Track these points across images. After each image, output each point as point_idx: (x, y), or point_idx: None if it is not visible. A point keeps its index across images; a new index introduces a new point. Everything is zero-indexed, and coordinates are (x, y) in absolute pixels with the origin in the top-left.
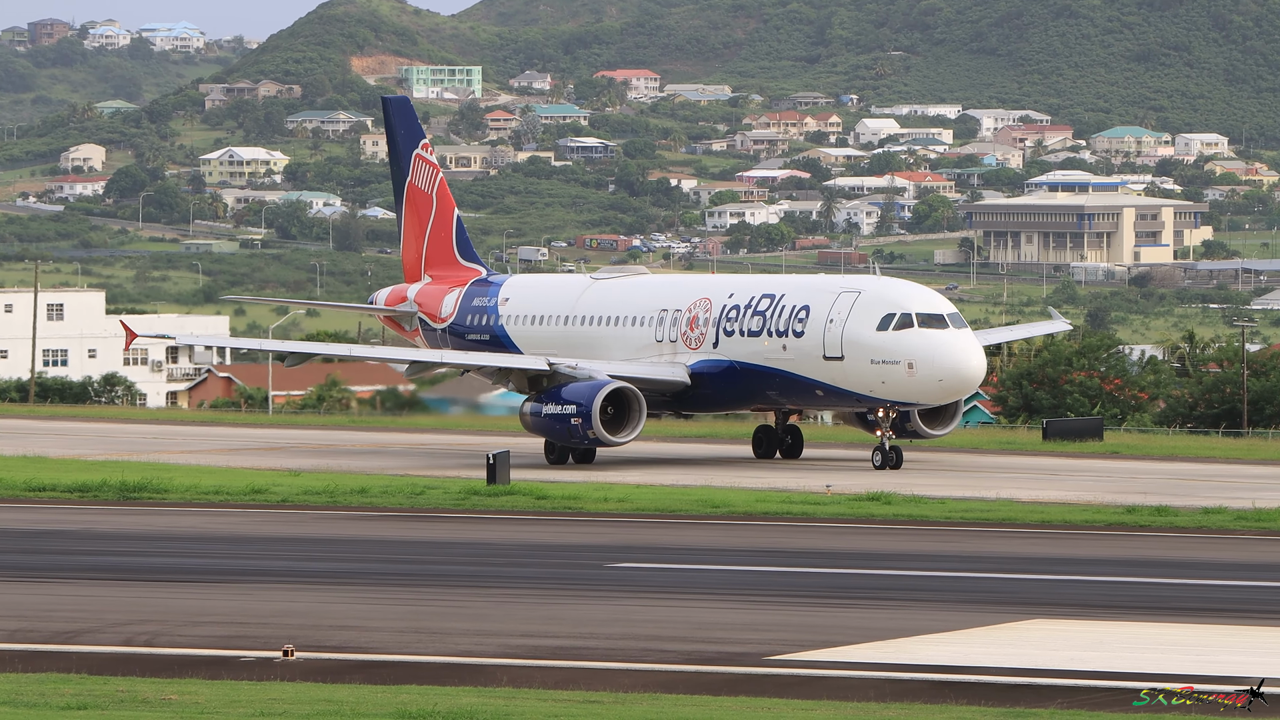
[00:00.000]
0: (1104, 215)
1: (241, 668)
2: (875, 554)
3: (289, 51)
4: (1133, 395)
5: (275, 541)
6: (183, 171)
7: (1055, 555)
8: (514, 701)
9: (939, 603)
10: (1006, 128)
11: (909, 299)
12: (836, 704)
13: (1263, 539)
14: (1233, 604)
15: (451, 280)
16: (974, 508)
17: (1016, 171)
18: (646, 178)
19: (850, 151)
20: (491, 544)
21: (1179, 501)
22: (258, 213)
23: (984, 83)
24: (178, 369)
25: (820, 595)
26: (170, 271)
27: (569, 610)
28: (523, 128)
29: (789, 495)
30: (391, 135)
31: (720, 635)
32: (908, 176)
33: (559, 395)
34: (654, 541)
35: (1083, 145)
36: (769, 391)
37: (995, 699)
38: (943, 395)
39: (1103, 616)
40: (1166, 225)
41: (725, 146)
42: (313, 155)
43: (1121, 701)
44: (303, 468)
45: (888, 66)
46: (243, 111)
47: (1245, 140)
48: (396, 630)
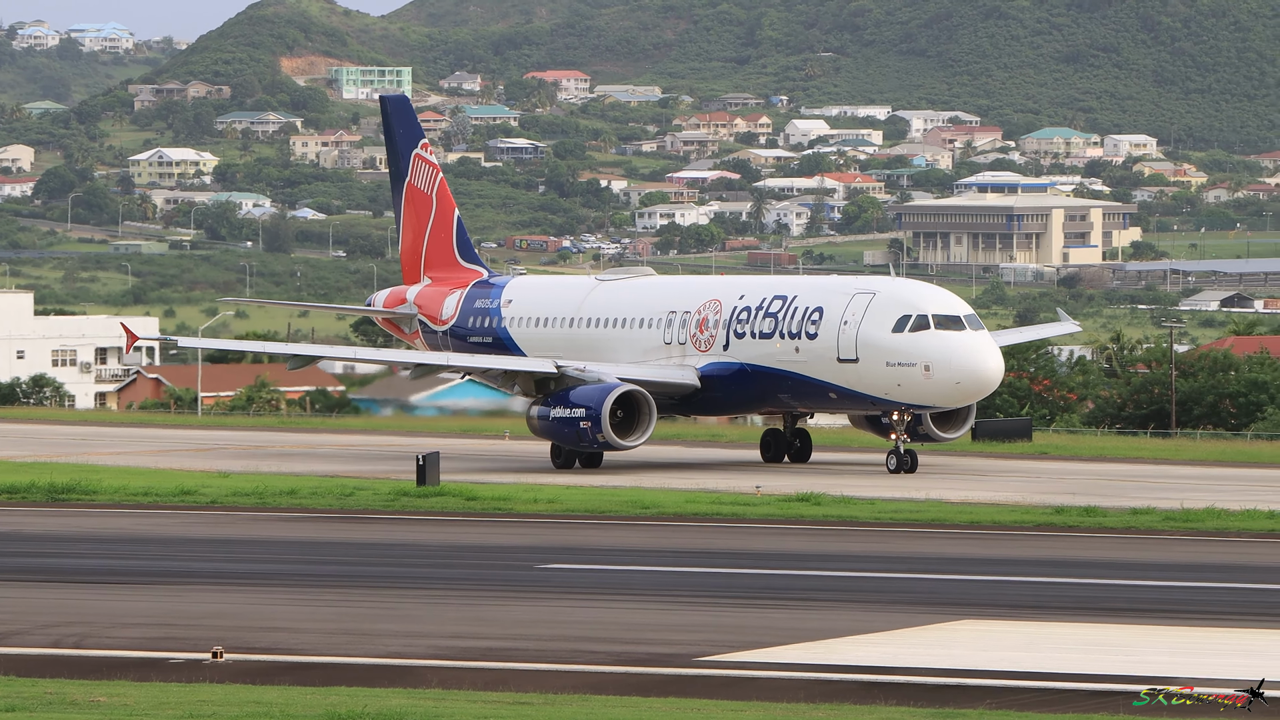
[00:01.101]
0: (1033, 216)
1: (170, 669)
2: (804, 555)
3: (218, 52)
4: (1061, 396)
5: (204, 543)
6: (112, 172)
7: (984, 556)
8: (443, 703)
9: (868, 603)
10: (936, 129)
11: (925, 300)
12: (766, 705)
13: (1190, 540)
14: (1161, 605)
15: (452, 282)
16: (903, 508)
17: (946, 173)
18: (576, 179)
19: (780, 153)
20: (421, 545)
21: (1107, 502)
22: (187, 214)
23: (913, 84)
24: (106, 370)
25: (749, 596)
26: (99, 272)
27: (498, 611)
28: (453, 128)
29: (719, 496)
30: (390, 134)
31: (650, 636)
32: (837, 178)
33: (567, 398)
34: (584, 543)
35: (1012, 146)
36: (781, 394)
37: (924, 700)
38: (960, 398)
39: (1032, 617)
40: (1095, 226)
41: (655, 147)
42: (242, 156)
43: (1050, 702)
44: (232, 469)
45: (817, 68)
46: (172, 112)
47: (1174, 142)
48: (326, 632)
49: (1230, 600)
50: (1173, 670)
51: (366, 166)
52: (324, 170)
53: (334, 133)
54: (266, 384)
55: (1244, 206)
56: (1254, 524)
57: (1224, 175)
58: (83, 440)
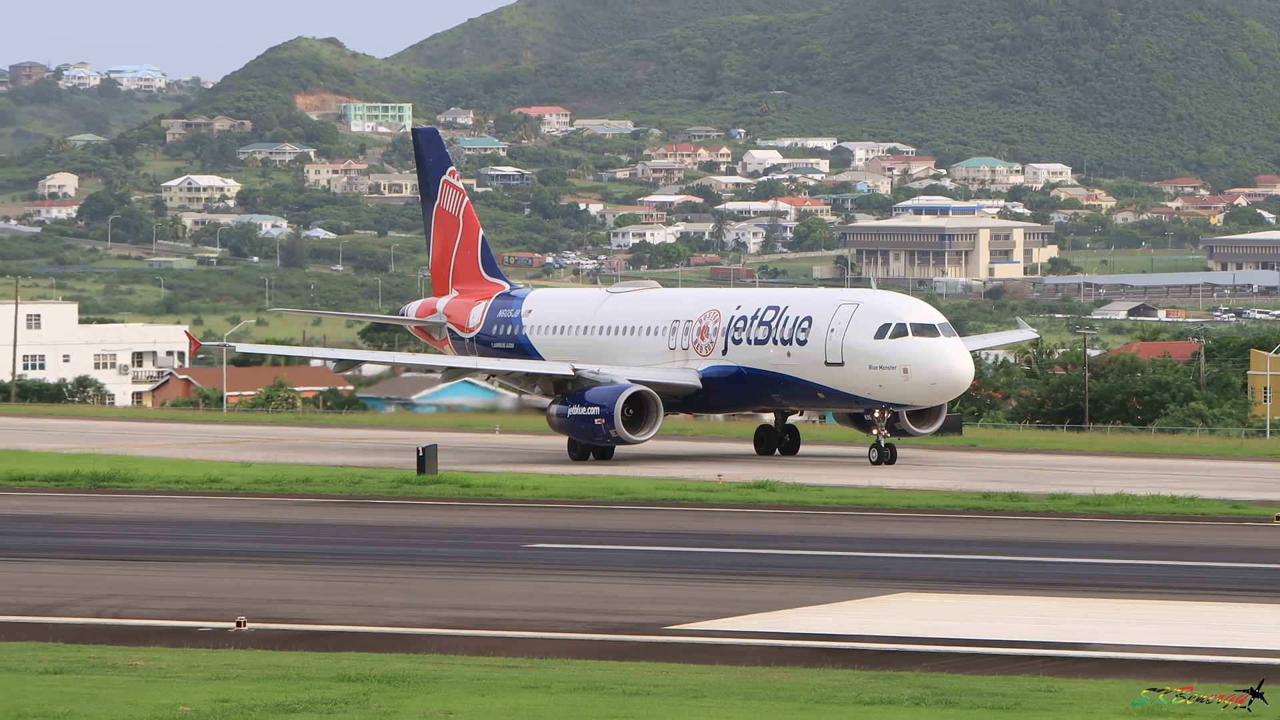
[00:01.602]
0: (962, 235)
1: (199, 637)
2: (761, 535)
3: (241, 90)
4: (988, 395)
5: (229, 525)
6: (146, 197)
7: (921, 536)
8: (442, 666)
9: (818, 578)
10: (876, 158)
11: (903, 310)
12: (727, 668)
13: (1102, 521)
14: (1076, 579)
15: (477, 294)
16: (849, 494)
17: (885, 197)
18: (558, 202)
19: (738, 179)
20: (421, 527)
21: (1029, 489)
22: (213, 233)
23: (856, 118)
24: (142, 372)
25: (713, 572)
26: (135, 285)
27: (490, 585)
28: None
29: (685, 484)
30: (421, 162)
31: (625, 607)
32: (789, 201)
33: (583, 398)
34: (566, 524)
35: (943, 174)
36: (774, 394)
37: (868, 663)
38: (935, 397)
39: (964, 590)
40: (1017, 245)
41: (628, 175)
42: (262, 182)
43: (979, 665)
44: (253, 460)
45: (771, 104)
46: (200, 143)
47: (1087, 169)
48: (337, 604)
49: (1137, 575)
50: (1088, 637)
51: (372, 191)
52: (334, 195)
53: (343, 162)
54: (284, 384)
55: (1148, 227)
56: (1158, 507)
57: (1131, 199)
58: (121, 434)
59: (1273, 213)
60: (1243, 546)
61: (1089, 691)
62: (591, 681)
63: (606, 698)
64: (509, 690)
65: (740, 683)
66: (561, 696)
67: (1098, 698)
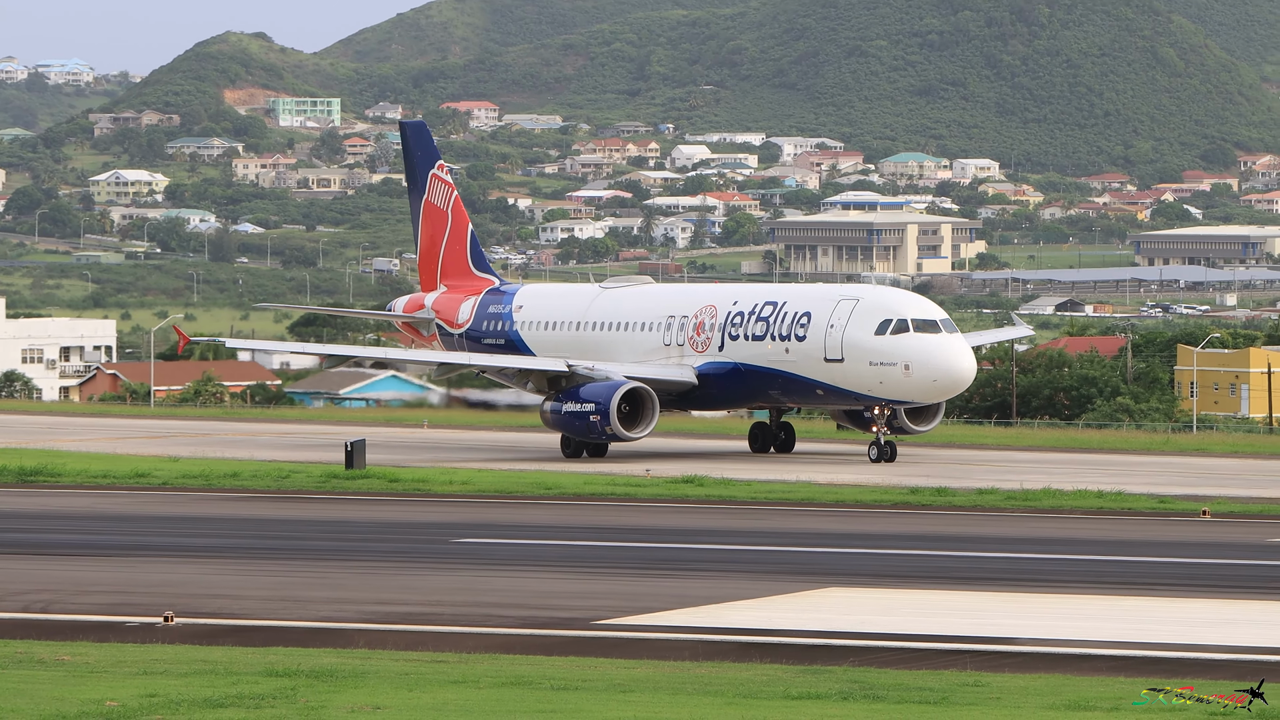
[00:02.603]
0: (890, 231)
1: (127, 632)
2: (689, 530)
3: (169, 85)
4: None
5: (157, 520)
6: (74, 191)
7: (849, 531)
8: (370, 661)
9: (746, 573)
10: (805, 153)
11: (904, 306)
12: (655, 663)
13: (1029, 516)
14: (1004, 574)
15: (467, 289)
16: (777, 489)
17: (813, 192)
18: (487, 197)
19: (667, 174)
20: (349, 522)
21: (956, 484)
22: (141, 228)
23: (785, 114)
24: (69, 367)
25: (641, 567)
26: (63, 280)
27: (419, 580)
28: (377, 152)
29: (613, 478)
30: (409, 156)
31: (553, 602)
32: (718, 196)
33: (578, 394)
34: (494, 519)
35: (872, 169)
36: (771, 391)
37: (796, 658)
38: (936, 394)
39: (891, 585)
40: (945, 240)
41: (557, 170)
42: (190, 177)
43: (906, 660)
44: (181, 454)
45: (700, 99)
46: (128, 138)
47: (1014, 165)
48: (265, 598)
49: (1064, 570)
50: (1015, 632)
51: (300, 186)
52: (262, 189)
53: (271, 156)
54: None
55: (1076, 223)
56: (1084, 502)
57: (1058, 195)
58: (49, 429)
59: (1199, 208)
60: (1169, 541)
61: (1016, 686)
62: (519, 676)
63: (534, 692)
64: (437, 685)
65: (668, 678)
66: (489, 691)
67: (1025, 692)
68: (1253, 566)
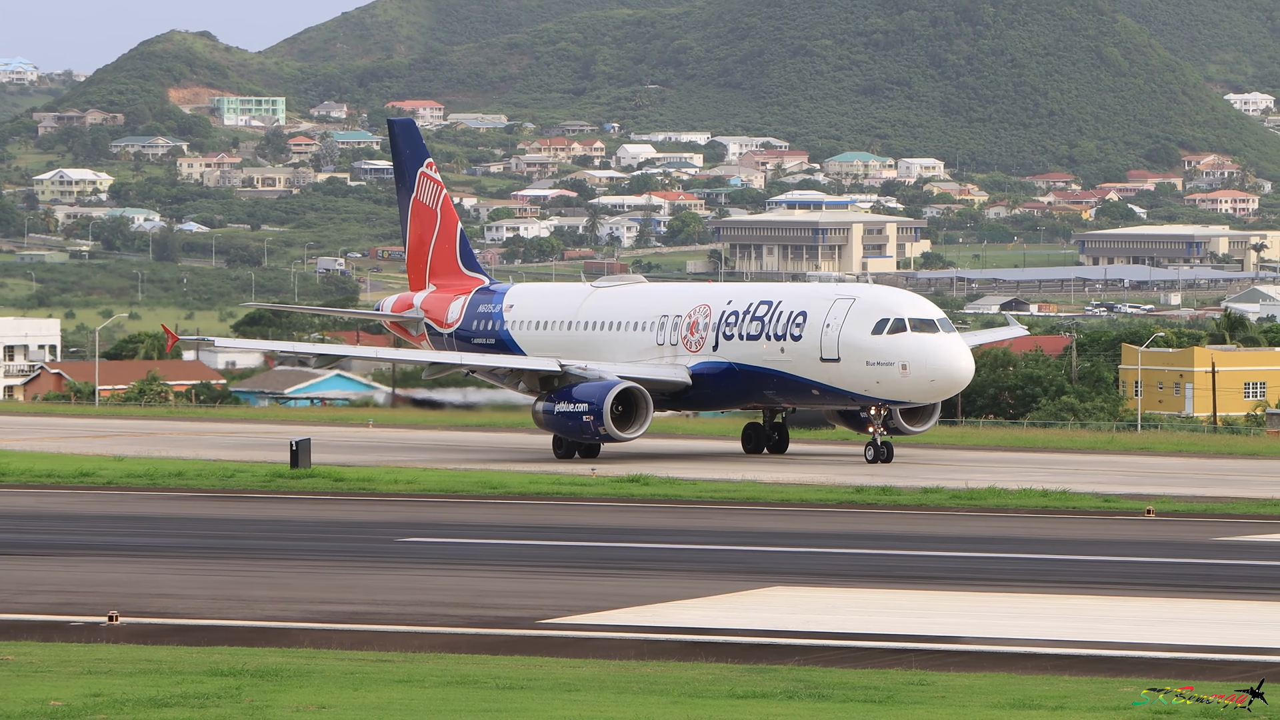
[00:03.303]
0: (836, 230)
1: (71, 631)
2: (634, 529)
3: (113, 84)
4: None
5: (101, 519)
6: (18, 190)
7: (793, 530)
8: (315, 661)
9: (691, 572)
10: (750, 153)
11: (901, 305)
12: (601, 662)
13: (974, 515)
14: (949, 572)
15: (456, 288)
16: (722, 488)
17: (759, 191)
18: None
19: (612, 173)
20: (294, 521)
21: (901, 482)
22: (85, 227)
23: (730, 113)
24: (14, 366)
25: (586, 565)
26: (6, 279)
27: (363, 579)
28: (322, 152)
29: (559, 477)
30: (397, 154)
31: (498, 601)
32: (663, 195)
33: (570, 394)
34: (439, 519)
35: (817, 168)
36: (766, 391)
37: (740, 657)
38: (934, 394)
39: (835, 584)
40: (890, 239)
41: (502, 169)
42: (134, 176)
43: (851, 659)
44: (126, 454)
45: (645, 98)
46: (72, 137)
47: (959, 164)
48: (210, 598)
49: (1009, 568)
50: (960, 631)
51: (245, 185)
52: (207, 189)
53: (216, 155)
54: (157, 378)
55: (1020, 222)
56: (1029, 501)
57: (1003, 194)
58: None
59: (1144, 208)
60: (1114, 540)
61: (961, 685)
62: (464, 675)
63: (479, 692)
64: (382, 684)
65: (613, 677)
66: (434, 691)
67: (970, 691)
68: (1197, 565)
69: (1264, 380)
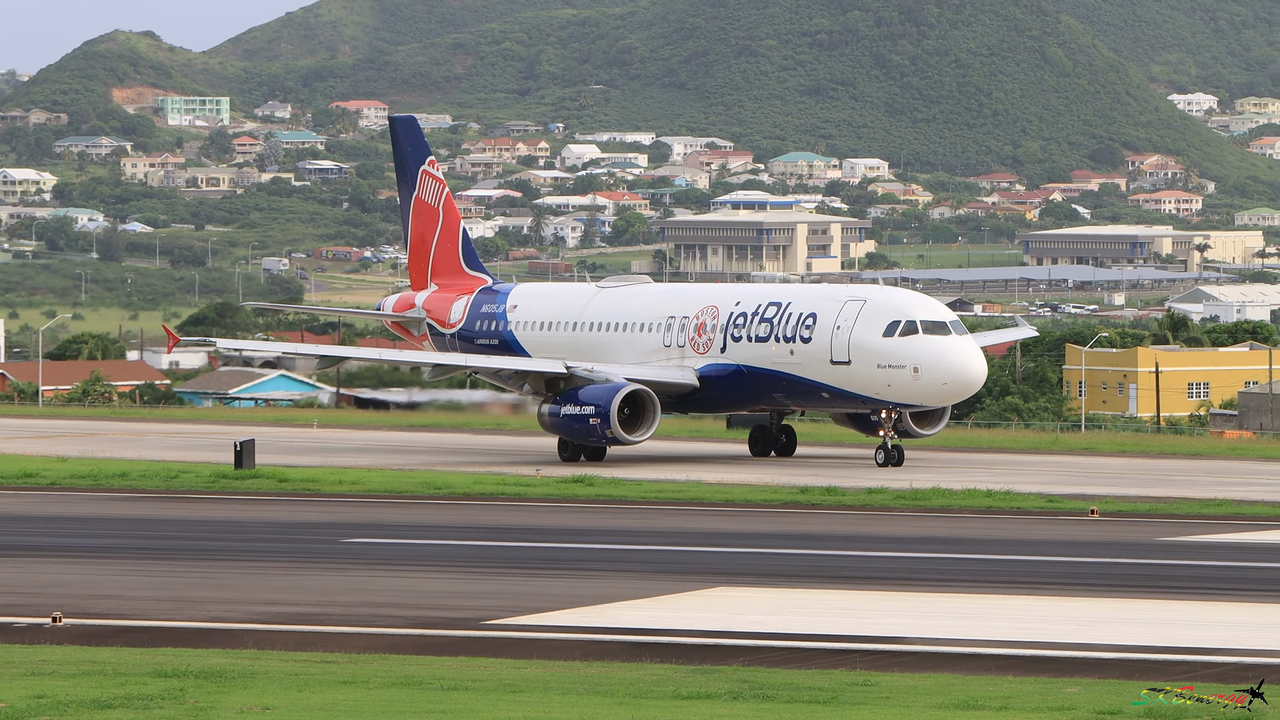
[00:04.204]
0: (780, 230)
1: (14, 633)
2: (579, 530)
3: (57, 83)
4: None
5: (45, 520)
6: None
7: (738, 530)
8: (259, 662)
9: (636, 573)
10: (695, 153)
11: (913, 307)
12: (545, 662)
13: (918, 515)
14: (892, 573)
15: (458, 288)
16: (666, 489)
17: (703, 191)
18: (377, 196)
19: (557, 174)
20: (239, 522)
21: (846, 483)
22: (29, 227)
23: (674, 113)
24: None
25: (530, 566)
26: None
27: (308, 580)
28: (266, 152)
29: (503, 478)
30: (399, 152)
31: (443, 602)
32: (608, 196)
33: (576, 397)
34: (384, 519)
35: (761, 169)
36: (775, 393)
37: (685, 658)
38: (947, 397)
39: (780, 584)
40: (835, 239)
41: (447, 169)
42: (78, 176)
43: (795, 659)
44: (70, 454)
45: (590, 98)
46: (15, 137)
47: (903, 164)
48: (154, 599)
49: (953, 569)
50: (904, 631)
51: (190, 185)
52: (151, 189)
53: (160, 155)
54: (100, 378)
55: (964, 222)
56: (973, 502)
57: (947, 194)
58: None
59: (1087, 208)
60: (1058, 540)
61: (905, 685)
62: (409, 676)
63: (424, 693)
64: (326, 685)
65: (558, 677)
66: (379, 692)
67: (914, 691)
68: (1141, 565)
69: (1207, 380)
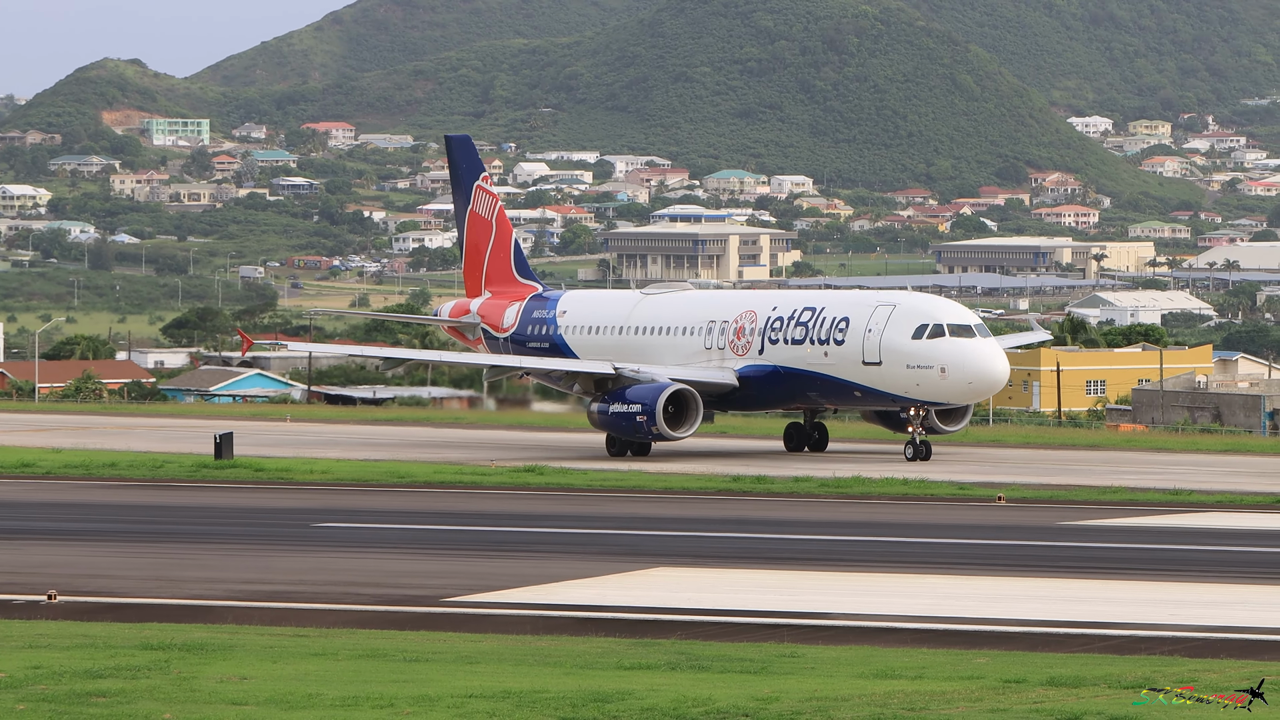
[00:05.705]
0: (714, 241)
1: (12, 609)
2: (529, 515)
3: (51, 107)
4: None
5: (41, 506)
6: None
7: (676, 515)
8: (237, 635)
9: (581, 554)
10: (636, 170)
11: (940, 311)
12: (500, 636)
13: (840, 502)
14: (817, 554)
15: (511, 295)
16: (611, 477)
17: (644, 206)
18: (344, 210)
19: (509, 189)
20: (219, 508)
21: (774, 472)
22: (26, 238)
23: (617, 134)
24: None
25: (485, 548)
26: None
27: (282, 561)
28: (243, 169)
29: (461, 467)
30: (455, 169)
31: (405, 581)
32: (556, 209)
33: (624, 396)
34: (352, 505)
35: (697, 185)
36: (810, 393)
37: (628, 632)
38: (971, 396)
39: (714, 565)
40: (764, 249)
41: (409, 185)
42: (71, 191)
43: (729, 633)
44: (63, 446)
45: (539, 120)
46: (13, 156)
47: (827, 181)
48: (141, 578)
49: (872, 550)
50: (828, 607)
51: (173, 200)
52: (138, 203)
53: (146, 173)
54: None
55: (883, 234)
56: (891, 489)
57: (866, 209)
58: None
59: (994, 221)
60: (967, 524)
61: (829, 656)
62: (375, 649)
63: (388, 664)
64: (299, 657)
65: (511, 650)
66: (347, 663)
67: (837, 662)
68: (1043, 547)
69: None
